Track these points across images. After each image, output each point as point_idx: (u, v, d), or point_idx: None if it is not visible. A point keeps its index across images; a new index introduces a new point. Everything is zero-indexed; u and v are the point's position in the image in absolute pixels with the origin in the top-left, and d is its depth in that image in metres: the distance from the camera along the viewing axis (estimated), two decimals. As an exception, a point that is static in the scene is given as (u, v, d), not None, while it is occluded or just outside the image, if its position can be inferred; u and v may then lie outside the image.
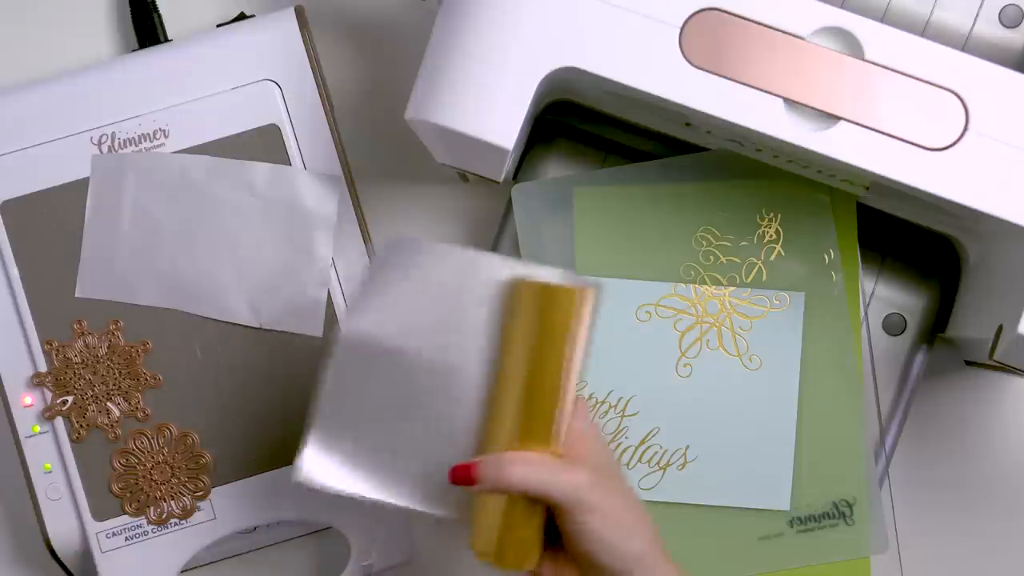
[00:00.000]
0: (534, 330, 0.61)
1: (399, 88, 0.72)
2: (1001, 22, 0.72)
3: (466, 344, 0.62)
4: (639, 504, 0.62)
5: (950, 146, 0.62)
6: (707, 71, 0.63)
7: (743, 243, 0.74)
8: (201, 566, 0.77)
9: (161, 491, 0.74)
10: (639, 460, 0.73)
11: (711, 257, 0.74)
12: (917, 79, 0.63)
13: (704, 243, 0.74)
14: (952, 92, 0.63)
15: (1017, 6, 0.72)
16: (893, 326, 0.74)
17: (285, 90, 0.75)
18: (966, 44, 0.72)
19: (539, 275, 0.61)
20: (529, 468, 0.59)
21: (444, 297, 0.63)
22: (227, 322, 0.74)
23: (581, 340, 0.60)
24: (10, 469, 0.76)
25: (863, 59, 0.63)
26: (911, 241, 0.74)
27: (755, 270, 0.74)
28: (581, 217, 0.74)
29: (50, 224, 0.74)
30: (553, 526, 0.61)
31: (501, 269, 0.62)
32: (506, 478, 0.59)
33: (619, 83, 0.63)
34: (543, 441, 0.60)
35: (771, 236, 0.74)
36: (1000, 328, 0.65)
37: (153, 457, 0.74)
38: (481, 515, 0.61)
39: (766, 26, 0.63)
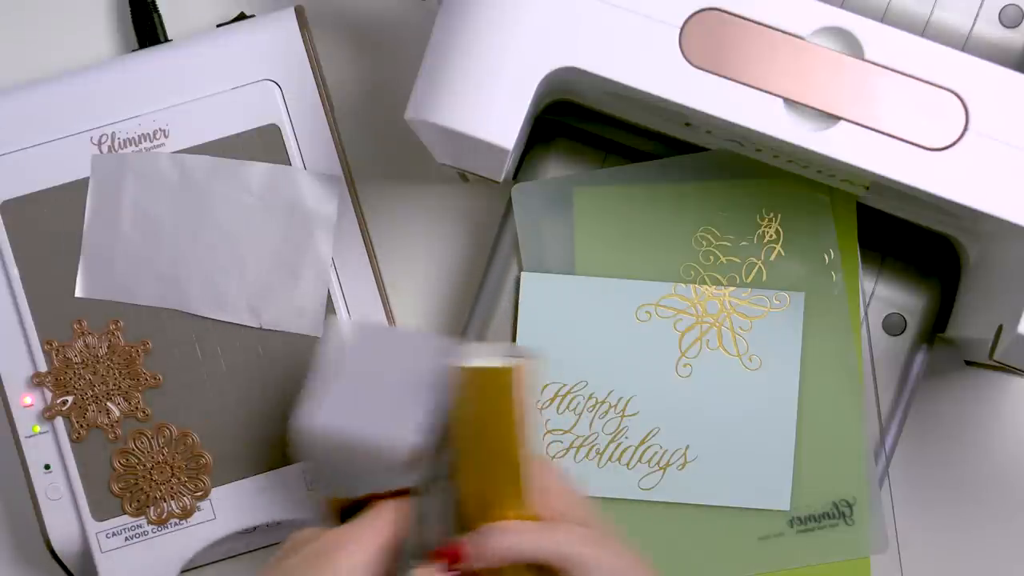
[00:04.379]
0: (478, 408, 0.61)
1: (399, 88, 0.72)
2: (1001, 22, 0.72)
3: (419, 427, 0.63)
4: (632, 549, 0.62)
5: (950, 146, 0.62)
6: (707, 71, 0.63)
7: (743, 243, 0.74)
8: (201, 566, 0.77)
9: (161, 491, 0.74)
10: (639, 460, 0.73)
11: (711, 257, 0.74)
12: (917, 79, 0.63)
13: (704, 243, 0.74)
14: (952, 92, 0.63)
15: (1017, 6, 0.72)
16: (893, 326, 0.74)
17: (285, 90, 0.75)
18: (966, 44, 0.72)
19: (476, 355, 0.62)
20: (516, 536, 0.59)
21: (394, 382, 0.64)
22: (227, 322, 0.74)
23: (524, 408, 0.61)
24: (10, 469, 0.76)
25: (863, 59, 0.63)
26: (911, 241, 0.74)
27: (755, 270, 0.74)
28: (581, 217, 0.74)
29: (50, 224, 0.75)
30: None
31: (445, 353, 0.63)
32: (497, 549, 0.59)
33: (619, 83, 0.63)
34: (516, 508, 0.61)
35: (771, 236, 0.74)
36: (1000, 328, 0.65)
37: (153, 457, 0.74)
38: None
39: (766, 26, 0.63)
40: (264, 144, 0.75)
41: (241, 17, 0.78)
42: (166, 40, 0.78)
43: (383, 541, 0.60)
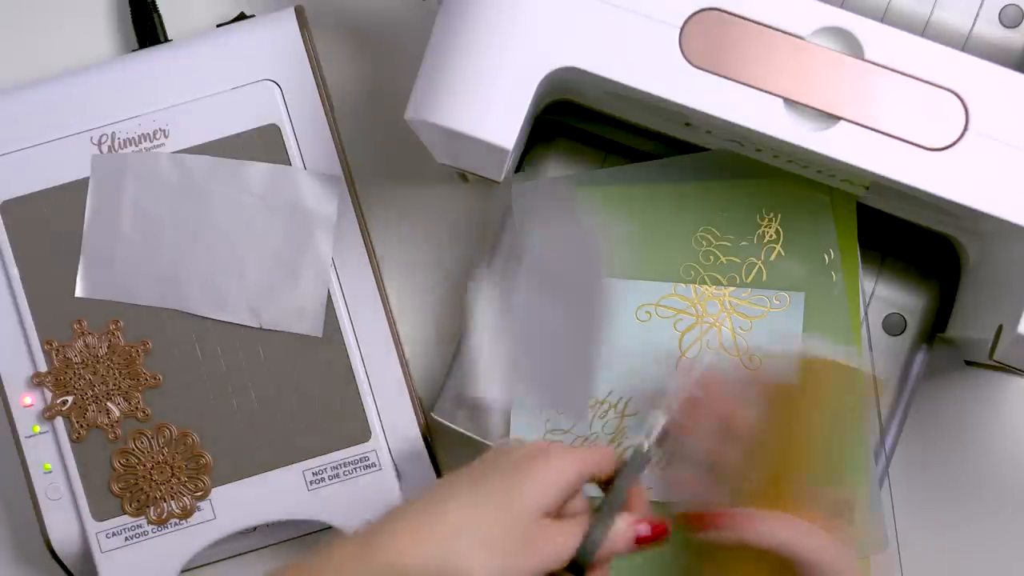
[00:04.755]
0: (803, 401, 0.62)
1: (399, 88, 0.72)
2: (1001, 22, 0.72)
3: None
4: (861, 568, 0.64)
5: (950, 146, 0.62)
6: (707, 71, 0.63)
7: (743, 243, 0.74)
8: (201, 566, 0.77)
9: (161, 491, 0.74)
10: (639, 460, 0.73)
11: (711, 257, 0.74)
12: (917, 79, 0.63)
13: (704, 243, 0.74)
14: (952, 92, 0.63)
15: (1017, 6, 0.72)
16: (893, 326, 0.74)
17: (285, 90, 0.75)
18: (966, 44, 0.72)
19: (821, 349, 0.63)
20: (788, 528, 0.60)
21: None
22: (227, 322, 0.74)
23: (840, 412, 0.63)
24: (10, 469, 0.76)
25: (863, 59, 0.63)
26: (911, 241, 0.74)
27: (755, 270, 0.74)
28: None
29: (50, 224, 0.74)
30: None
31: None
32: (762, 531, 0.60)
33: (619, 83, 0.63)
34: (790, 505, 0.62)
35: (771, 236, 0.74)
36: (1000, 328, 0.65)
37: (153, 457, 0.74)
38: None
39: (766, 26, 0.63)
40: (264, 144, 0.75)
41: (241, 17, 0.78)
42: (166, 40, 0.78)
43: (584, 468, 0.61)
